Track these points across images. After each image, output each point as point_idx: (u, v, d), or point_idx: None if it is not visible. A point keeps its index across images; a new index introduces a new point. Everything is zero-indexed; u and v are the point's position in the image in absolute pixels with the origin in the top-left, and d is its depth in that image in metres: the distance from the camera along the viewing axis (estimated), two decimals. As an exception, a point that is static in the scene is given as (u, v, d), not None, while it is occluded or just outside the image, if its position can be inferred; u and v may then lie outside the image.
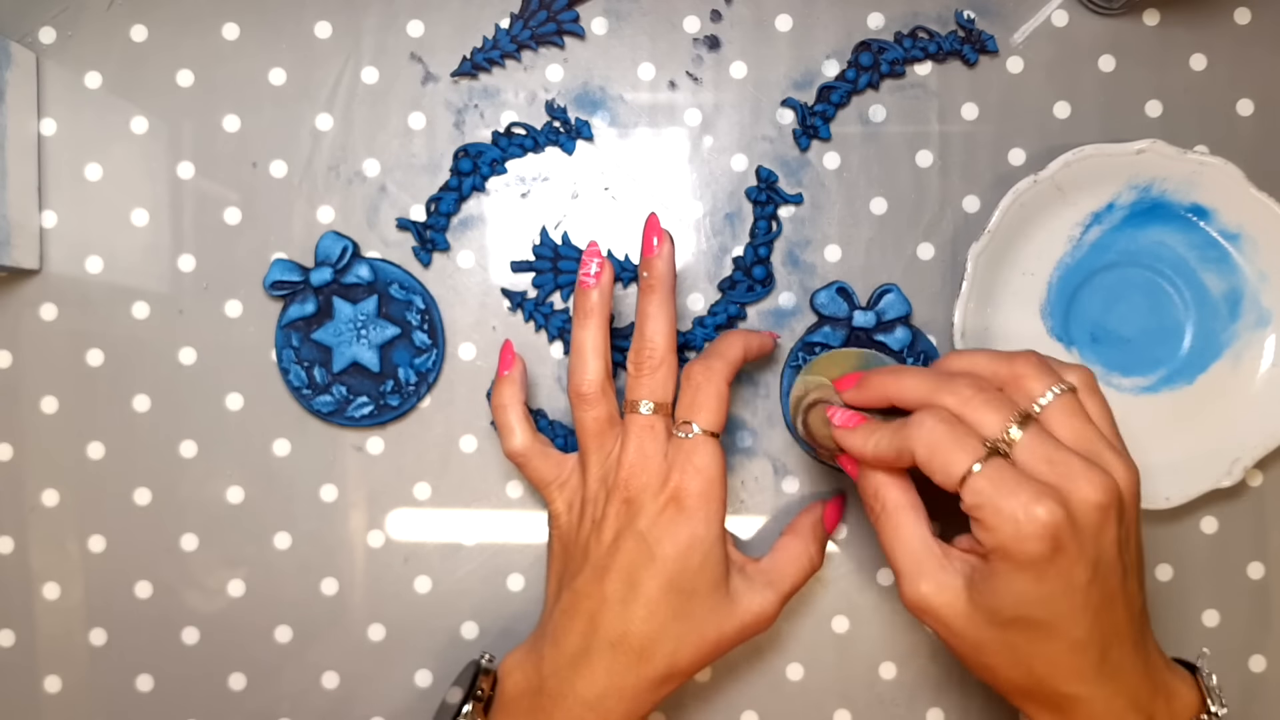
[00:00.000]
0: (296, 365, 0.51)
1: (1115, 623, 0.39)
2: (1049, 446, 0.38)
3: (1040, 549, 0.37)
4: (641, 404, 0.45)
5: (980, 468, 0.38)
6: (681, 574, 0.44)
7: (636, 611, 0.44)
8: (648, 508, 0.44)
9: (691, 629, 0.44)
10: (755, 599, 0.45)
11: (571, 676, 0.44)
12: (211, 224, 0.52)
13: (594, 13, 0.52)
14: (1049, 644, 0.39)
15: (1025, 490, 0.37)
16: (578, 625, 0.45)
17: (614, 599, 0.44)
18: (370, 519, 0.52)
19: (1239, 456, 0.50)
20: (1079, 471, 0.37)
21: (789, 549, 0.47)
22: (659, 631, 0.44)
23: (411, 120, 0.52)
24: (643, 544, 0.44)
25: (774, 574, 0.46)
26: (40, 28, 0.52)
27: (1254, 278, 0.50)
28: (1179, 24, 0.52)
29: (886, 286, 0.51)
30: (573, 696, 0.44)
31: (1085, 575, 0.38)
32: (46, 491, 0.52)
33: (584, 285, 0.46)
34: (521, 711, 0.45)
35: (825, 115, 0.52)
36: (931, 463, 0.39)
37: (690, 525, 0.44)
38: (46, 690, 0.52)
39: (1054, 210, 0.50)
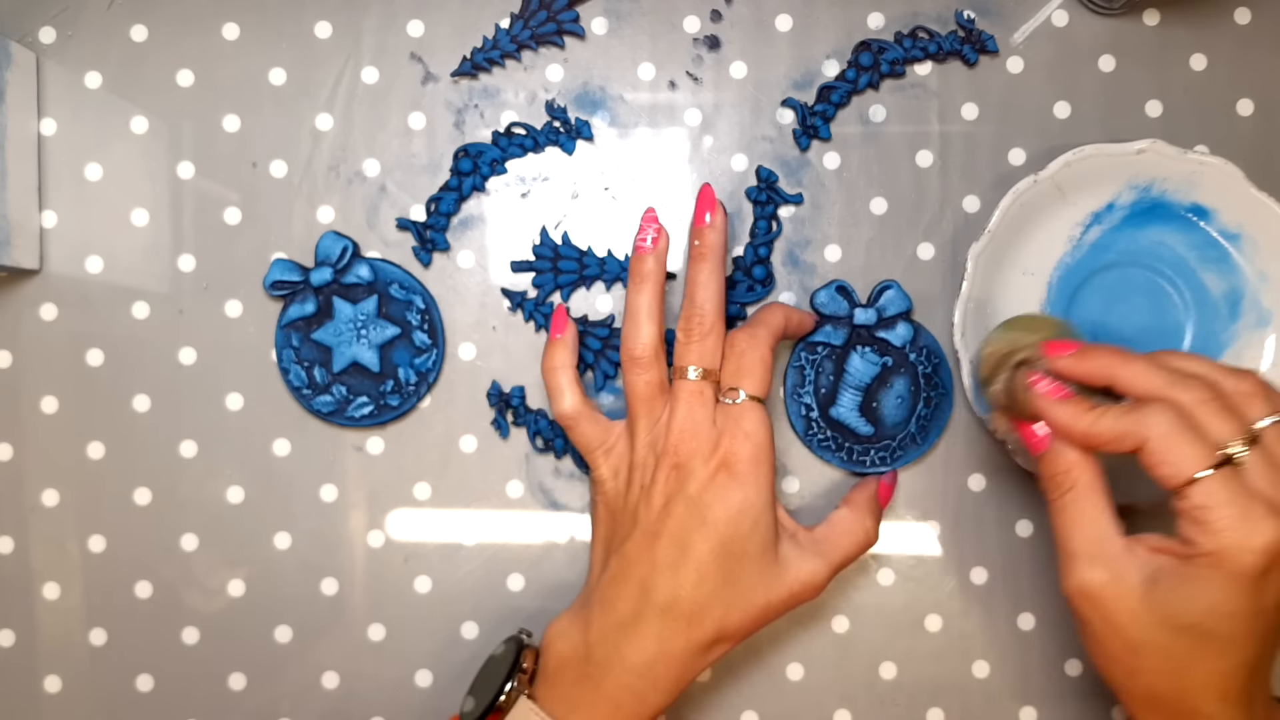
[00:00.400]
0: (296, 365, 0.51)
1: (1271, 651, 0.40)
2: (1273, 470, 0.39)
3: (1257, 563, 0.37)
4: (690, 369, 0.45)
5: (1213, 472, 0.38)
6: (732, 539, 0.44)
7: (687, 576, 0.44)
8: (698, 473, 0.44)
9: (741, 594, 0.44)
10: (805, 566, 0.45)
11: (620, 643, 0.44)
12: (211, 224, 0.52)
13: (594, 13, 0.52)
14: (1217, 660, 0.39)
15: (1258, 505, 0.38)
16: (628, 591, 0.44)
17: (665, 564, 0.44)
18: (370, 519, 0.52)
19: None
20: None
21: (843, 521, 0.47)
22: (709, 596, 0.44)
23: (411, 120, 0.52)
24: (694, 509, 0.44)
25: (826, 544, 0.47)
26: (40, 28, 0.52)
27: (1254, 278, 0.50)
28: (1179, 24, 0.52)
29: (886, 283, 0.51)
30: (621, 664, 0.44)
31: (1274, 599, 0.38)
32: (46, 491, 0.52)
33: (640, 250, 0.47)
34: (568, 680, 0.45)
35: (825, 115, 0.52)
36: (1163, 454, 0.39)
37: (742, 490, 0.44)
38: (46, 690, 0.52)
39: (1054, 210, 0.50)
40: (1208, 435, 0.39)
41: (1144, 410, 0.40)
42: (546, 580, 0.52)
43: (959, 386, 0.51)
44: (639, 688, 0.44)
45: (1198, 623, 0.39)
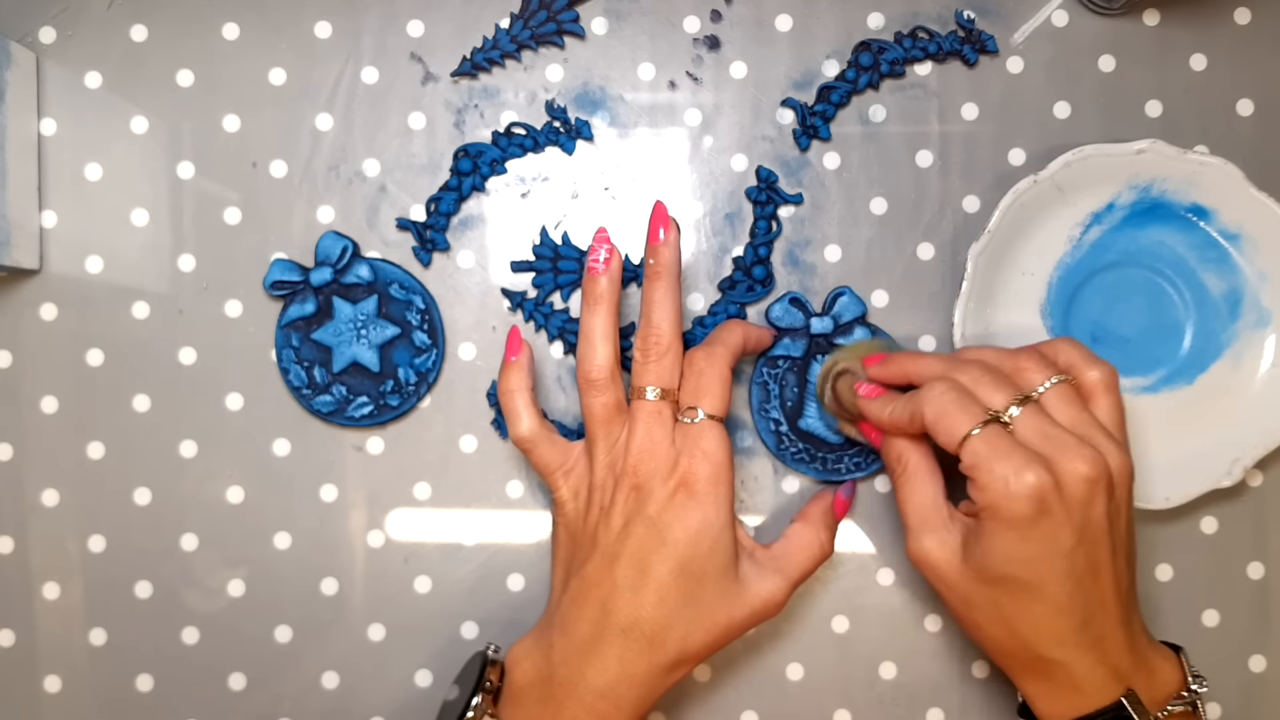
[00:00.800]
0: (296, 365, 0.51)
1: (1100, 594, 0.41)
2: (1044, 423, 0.42)
3: (1026, 509, 0.40)
4: (648, 389, 0.46)
5: (979, 432, 0.41)
6: (692, 559, 0.44)
7: (647, 597, 0.44)
8: (656, 493, 0.44)
9: (702, 614, 0.44)
10: (765, 585, 0.46)
11: (582, 665, 0.44)
12: (211, 224, 0.52)
13: (594, 13, 0.52)
14: (1032, 605, 0.41)
15: (1018, 455, 0.40)
16: (588, 613, 0.45)
17: (625, 585, 0.44)
18: (370, 519, 0.52)
19: (1239, 456, 0.50)
20: (1069, 445, 0.41)
21: (799, 536, 0.48)
22: (670, 617, 0.44)
23: (411, 120, 0.52)
24: (653, 529, 0.44)
25: (784, 560, 0.47)
26: (40, 28, 0.52)
27: (1254, 278, 0.50)
28: (1179, 24, 0.52)
29: (839, 290, 0.51)
30: (584, 684, 0.44)
31: (1069, 541, 0.40)
32: (46, 491, 0.52)
33: (592, 271, 0.47)
34: (532, 701, 0.45)
35: (825, 115, 0.52)
36: (938, 424, 0.42)
37: (700, 510, 0.44)
38: (46, 690, 0.52)
39: (1054, 210, 0.50)
40: (980, 403, 0.42)
41: (922, 390, 0.43)
42: (546, 580, 0.52)
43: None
44: (602, 709, 0.44)
45: (1004, 573, 0.41)
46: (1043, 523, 0.40)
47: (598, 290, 0.46)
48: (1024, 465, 0.40)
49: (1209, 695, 0.52)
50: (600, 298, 0.46)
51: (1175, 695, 0.43)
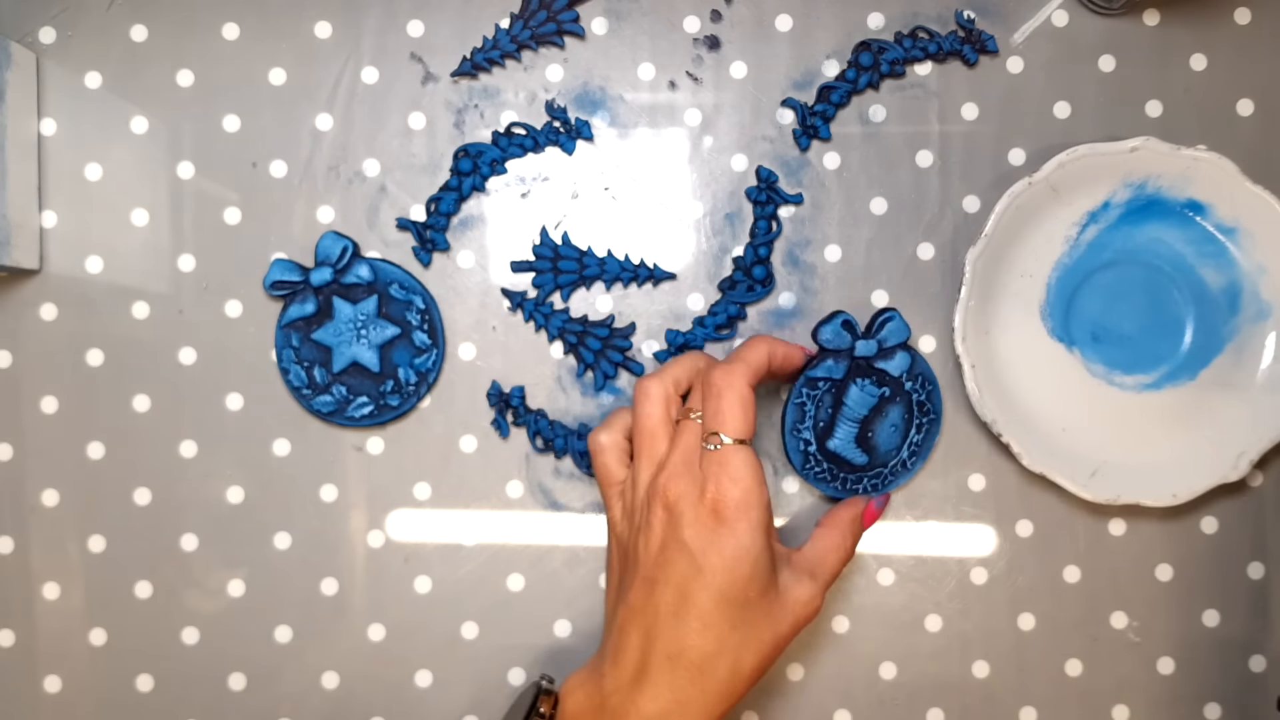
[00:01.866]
0: (296, 365, 0.51)
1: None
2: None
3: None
4: (694, 412, 0.45)
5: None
6: (732, 585, 0.43)
7: (690, 625, 0.43)
8: (687, 516, 0.44)
9: (750, 636, 0.44)
10: (802, 591, 0.45)
11: (634, 694, 0.43)
12: (211, 224, 0.52)
13: (594, 13, 0.52)
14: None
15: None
16: (634, 640, 0.44)
17: (667, 613, 0.43)
18: (370, 519, 0.52)
19: (1244, 450, 0.50)
20: None
21: (827, 539, 0.47)
22: (716, 644, 0.43)
23: (411, 120, 0.52)
24: (688, 555, 0.43)
25: (814, 563, 0.47)
26: (40, 28, 0.52)
27: (1252, 271, 0.50)
28: (1179, 24, 0.52)
29: (889, 314, 0.50)
30: (636, 714, 0.43)
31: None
32: (46, 491, 0.52)
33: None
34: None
35: (825, 115, 0.52)
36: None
37: (734, 537, 0.43)
38: (46, 690, 0.52)
39: (1050, 211, 0.50)
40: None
41: None
42: (546, 580, 0.52)
43: (959, 392, 0.51)
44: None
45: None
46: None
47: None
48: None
49: (1208, 694, 0.52)
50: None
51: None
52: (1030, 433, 0.50)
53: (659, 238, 0.52)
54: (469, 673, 0.52)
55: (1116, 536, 0.52)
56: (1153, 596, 0.52)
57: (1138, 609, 0.52)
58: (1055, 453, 0.50)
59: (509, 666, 0.52)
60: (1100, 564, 0.52)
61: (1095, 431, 0.51)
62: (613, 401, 0.52)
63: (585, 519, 0.52)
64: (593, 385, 0.52)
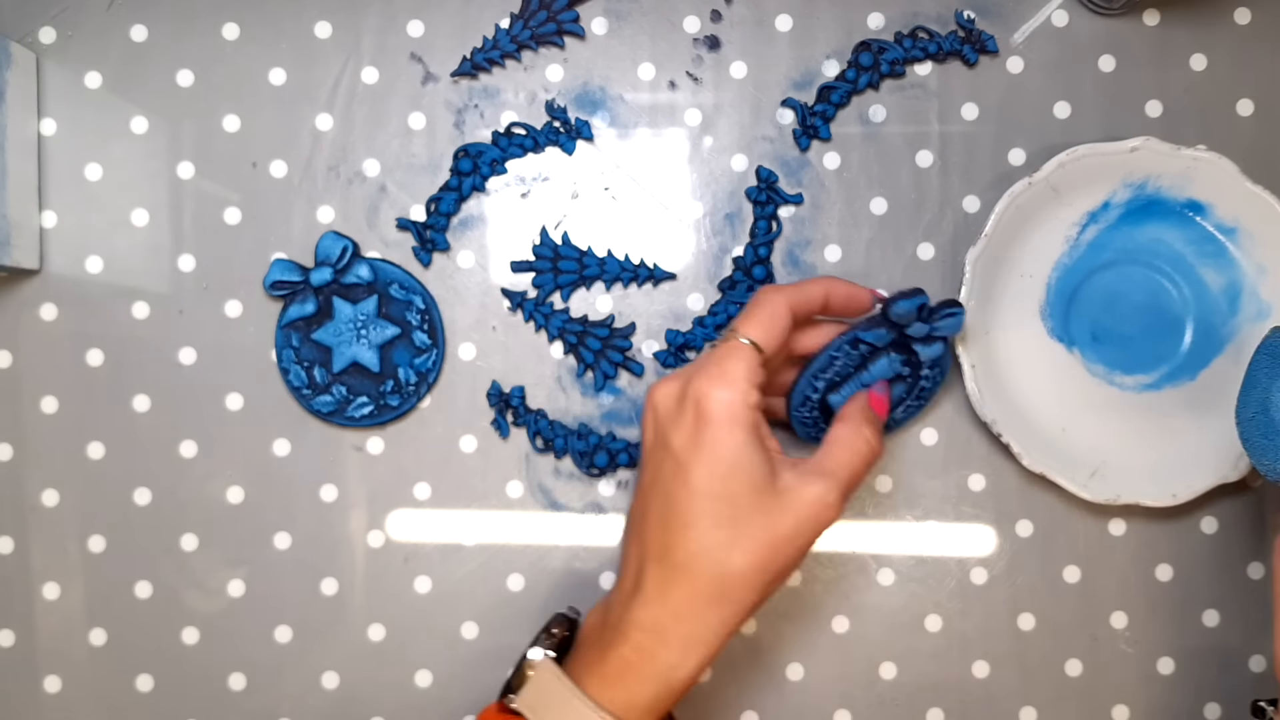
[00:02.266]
0: (296, 365, 0.51)
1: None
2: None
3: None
4: (738, 334, 0.45)
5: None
6: (711, 480, 0.42)
7: (674, 524, 0.42)
8: (673, 417, 0.43)
9: (739, 534, 0.42)
10: (810, 489, 0.43)
11: (630, 602, 0.43)
12: (211, 224, 0.52)
13: (594, 13, 0.52)
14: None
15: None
16: (632, 550, 0.44)
17: (655, 517, 0.43)
18: (370, 519, 0.52)
19: (1244, 451, 0.50)
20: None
21: (841, 435, 0.45)
22: (699, 543, 0.42)
23: (411, 120, 0.52)
24: (670, 455, 0.43)
25: (827, 463, 0.44)
26: (40, 28, 0.52)
27: (1252, 271, 0.50)
28: (1179, 24, 0.52)
29: (956, 309, 0.47)
30: (629, 620, 0.43)
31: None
32: (46, 491, 0.52)
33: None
34: (588, 646, 0.44)
35: (825, 115, 0.52)
36: None
37: (712, 430, 0.42)
38: (46, 690, 0.52)
39: (1050, 211, 0.50)
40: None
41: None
42: (546, 580, 0.52)
43: (959, 392, 0.51)
44: (647, 644, 0.42)
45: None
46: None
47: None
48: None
49: (1208, 695, 0.52)
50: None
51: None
52: (1030, 433, 0.50)
53: (659, 238, 0.52)
54: (469, 673, 0.52)
55: (1116, 536, 0.52)
56: (1152, 596, 0.52)
57: (1138, 609, 0.52)
58: (1055, 453, 0.50)
59: (509, 666, 0.52)
60: (1100, 564, 0.52)
61: (1095, 431, 0.51)
62: (612, 401, 0.52)
63: (585, 519, 0.52)
64: (593, 385, 0.52)
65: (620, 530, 0.52)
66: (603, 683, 0.42)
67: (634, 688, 0.42)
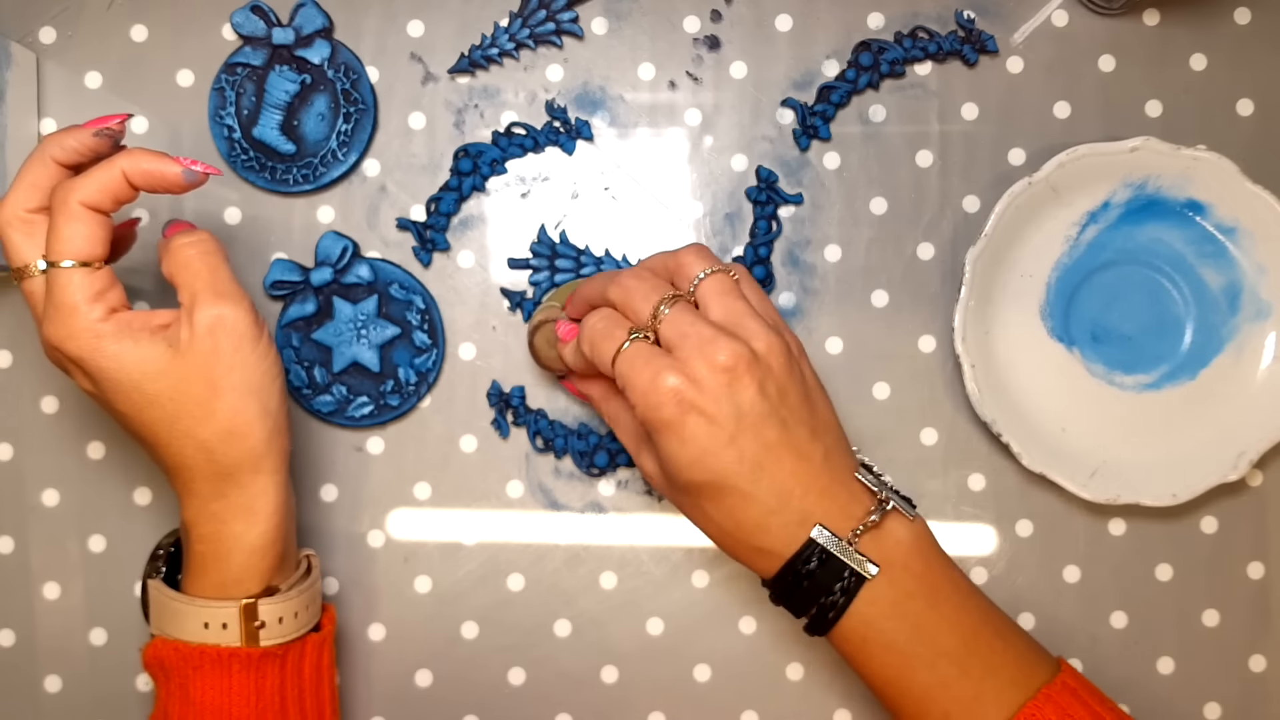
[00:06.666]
0: (296, 365, 0.51)
1: (788, 472, 0.41)
2: (686, 321, 0.41)
3: (671, 414, 0.40)
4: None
5: (625, 348, 0.41)
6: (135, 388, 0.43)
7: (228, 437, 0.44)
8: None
9: (177, 418, 0.43)
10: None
11: (183, 511, 0.45)
12: (211, 224, 0.52)
13: (594, 13, 0.52)
14: (723, 501, 0.41)
15: (655, 362, 0.40)
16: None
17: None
18: (370, 519, 0.52)
19: (1244, 450, 0.50)
20: (706, 340, 0.40)
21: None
22: (183, 441, 0.43)
23: (411, 120, 0.52)
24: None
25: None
26: (40, 28, 0.52)
27: (1252, 271, 0.50)
28: (1179, 24, 0.52)
29: (302, 1, 0.51)
30: (186, 525, 0.45)
31: (726, 433, 0.40)
32: (46, 491, 0.52)
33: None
34: (184, 557, 0.46)
35: (825, 115, 0.52)
36: (593, 356, 0.42)
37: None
38: (46, 690, 0.52)
39: (1050, 211, 0.50)
40: (627, 320, 0.42)
41: (583, 325, 0.43)
42: (546, 580, 0.52)
43: (959, 392, 0.51)
44: (208, 534, 0.44)
45: (685, 480, 0.41)
46: (689, 422, 0.40)
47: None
48: (659, 371, 0.40)
49: (1208, 694, 0.52)
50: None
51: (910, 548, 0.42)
52: (1030, 433, 0.50)
53: (659, 238, 0.52)
54: (469, 673, 0.52)
55: (1116, 536, 0.52)
56: (1153, 596, 0.52)
57: (1138, 609, 0.52)
58: (1055, 453, 0.50)
59: (509, 666, 0.52)
60: (1100, 564, 0.52)
61: (1095, 431, 0.51)
62: (613, 401, 0.52)
63: (585, 519, 0.52)
64: (593, 385, 0.52)
65: (620, 531, 0.52)
66: (194, 578, 0.44)
67: (219, 569, 0.44)
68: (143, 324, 0.43)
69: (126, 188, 0.43)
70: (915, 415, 0.52)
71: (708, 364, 0.40)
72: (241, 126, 0.51)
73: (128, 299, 0.43)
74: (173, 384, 0.42)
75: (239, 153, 0.51)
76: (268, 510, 0.44)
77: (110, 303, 0.43)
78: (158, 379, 0.42)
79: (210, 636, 0.44)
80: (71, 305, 0.42)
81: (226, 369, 0.43)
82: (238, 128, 0.51)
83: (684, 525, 0.52)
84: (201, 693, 0.44)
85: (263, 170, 0.51)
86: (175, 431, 0.43)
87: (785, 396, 0.41)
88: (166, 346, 0.42)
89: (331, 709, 0.47)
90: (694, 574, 0.52)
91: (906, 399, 0.52)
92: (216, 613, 0.44)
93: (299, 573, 0.47)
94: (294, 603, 0.45)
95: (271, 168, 0.51)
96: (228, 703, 0.44)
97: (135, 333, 0.42)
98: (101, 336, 0.42)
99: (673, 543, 0.52)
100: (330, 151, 0.51)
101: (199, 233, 0.44)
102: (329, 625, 0.47)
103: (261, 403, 0.44)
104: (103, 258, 0.42)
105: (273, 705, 0.45)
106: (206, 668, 0.44)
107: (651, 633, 0.52)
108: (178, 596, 0.44)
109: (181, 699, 0.44)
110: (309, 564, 0.47)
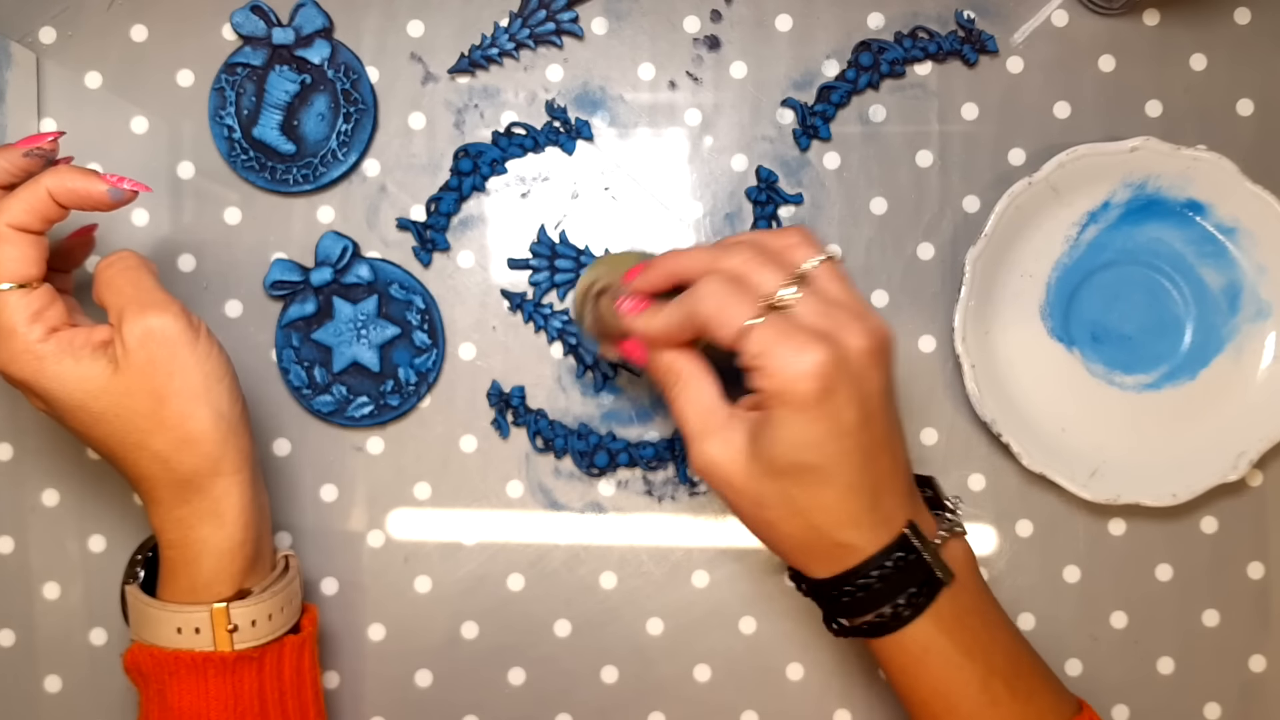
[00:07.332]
0: (296, 365, 0.51)
1: (885, 469, 0.41)
2: (821, 300, 0.40)
3: (813, 389, 0.38)
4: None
5: (761, 320, 0.40)
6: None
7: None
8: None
9: (147, 428, 0.43)
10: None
11: (150, 519, 0.45)
12: (211, 224, 0.52)
13: (594, 13, 0.52)
14: (824, 489, 0.40)
15: (800, 336, 0.39)
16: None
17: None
18: (370, 519, 0.52)
19: (1244, 450, 0.50)
20: (849, 320, 0.40)
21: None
22: (139, 453, 0.43)
23: (411, 120, 0.52)
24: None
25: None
26: (40, 28, 0.52)
27: (1252, 271, 0.50)
28: (1179, 24, 0.52)
29: (302, 1, 0.51)
30: (156, 533, 0.45)
31: (855, 418, 0.39)
32: (46, 491, 0.52)
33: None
34: (161, 564, 0.45)
35: (825, 115, 0.52)
36: (718, 318, 0.40)
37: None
38: (46, 690, 0.52)
39: (1050, 211, 0.50)
40: (754, 289, 0.41)
41: (692, 289, 0.41)
42: (546, 580, 0.52)
43: (959, 392, 0.51)
44: (176, 540, 0.44)
45: (792, 461, 0.40)
46: (829, 402, 0.39)
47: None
48: (807, 345, 0.39)
49: (1208, 694, 0.52)
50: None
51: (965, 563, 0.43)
52: (1030, 433, 0.50)
53: (659, 238, 0.52)
54: (469, 672, 0.52)
55: (1116, 536, 0.52)
56: (1152, 596, 0.52)
57: (1138, 609, 0.52)
58: (1055, 453, 0.50)
59: (509, 666, 0.52)
60: (1100, 564, 0.52)
61: (1095, 431, 0.51)
62: (612, 401, 0.52)
63: (585, 519, 0.52)
64: (593, 385, 0.52)
65: (616, 528, 0.52)
66: (167, 583, 0.44)
67: (189, 574, 0.44)
68: (84, 341, 0.43)
69: (54, 207, 0.42)
70: (915, 415, 0.52)
71: (855, 344, 0.39)
72: (241, 126, 0.51)
73: (69, 316, 0.43)
74: (116, 399, 0.42)
75: (239, 153, 0.51)
76: (233, 513, 0.44)
77: (50, 322, 0.42)
78: (100, 396, 0.42)
79: (184, 641, 0.43)
80: (9, 328, 0.42)
81: (166, 377, 0.42)
82: (238, 128, 0.51)
83: (684, 525, 0.52)
84: (179, 698, 0.43)
85: (263, 170, 0.51)
86: (128, 445, 0.43)
87: (892, 392, 0.41)
88: (107, 363, 0.42)
89: (315, 711, 0.47)
90: (694, 574, 0.52)
91: (907, 399, 0.52)
92: (189, 617, 0.43)
93: (274, 574, 0.46)
94: (268, 605, 0.44)
95: (271, 168, 0.51)
96: (205, 707, 0.44)
97: (76, 351, 0.42)
98: (43, 358, 0.42)
99: (673, 543, 0.52)
100: (330, 151, 0.51)
101: (119, 253, 0.44)
102: (310, 626, 0.47)
103: (210, 405, 0.43)
104: (39, 277, 0.42)
105: (251, 709, 0.44)
106: (182, 673, 0.43)
107: (651, 633, 0.52)
108: (151, 602, 0.44)
109: (160, 705, 0.44)
110: (287, 564, 0.47)
